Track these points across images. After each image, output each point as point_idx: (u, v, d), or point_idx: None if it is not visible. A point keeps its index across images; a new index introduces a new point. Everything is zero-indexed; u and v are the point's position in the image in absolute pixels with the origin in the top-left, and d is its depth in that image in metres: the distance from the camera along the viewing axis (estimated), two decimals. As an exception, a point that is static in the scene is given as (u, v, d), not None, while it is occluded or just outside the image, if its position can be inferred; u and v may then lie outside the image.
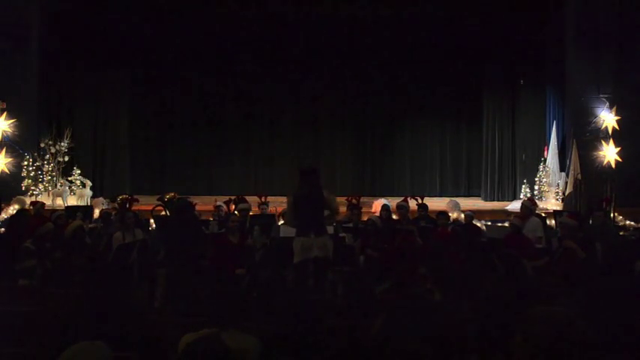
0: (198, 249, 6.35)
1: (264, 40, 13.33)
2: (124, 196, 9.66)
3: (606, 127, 12.06)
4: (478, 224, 9.61)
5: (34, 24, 11.98)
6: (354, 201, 9.02)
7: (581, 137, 12.10)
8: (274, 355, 2.75)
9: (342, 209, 9.19)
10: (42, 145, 12.08)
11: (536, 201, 11.40)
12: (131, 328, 3.43)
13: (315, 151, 14.51)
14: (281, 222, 8.47)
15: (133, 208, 8.56)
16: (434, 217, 8.82)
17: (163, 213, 8.48)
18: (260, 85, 14.32)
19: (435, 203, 11.36)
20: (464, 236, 7.56)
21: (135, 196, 9.13)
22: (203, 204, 10.53)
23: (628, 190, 11.62)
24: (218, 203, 9.28)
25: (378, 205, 10.64)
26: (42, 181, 11.84)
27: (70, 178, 12.20)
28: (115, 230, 7.34)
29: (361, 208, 8.95)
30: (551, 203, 12.13)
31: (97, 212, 10.13)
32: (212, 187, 13.65)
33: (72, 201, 11.76)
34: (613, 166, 11.94)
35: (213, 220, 8.71)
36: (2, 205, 10.39)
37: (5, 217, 9.94)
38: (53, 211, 9.19)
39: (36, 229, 7.19)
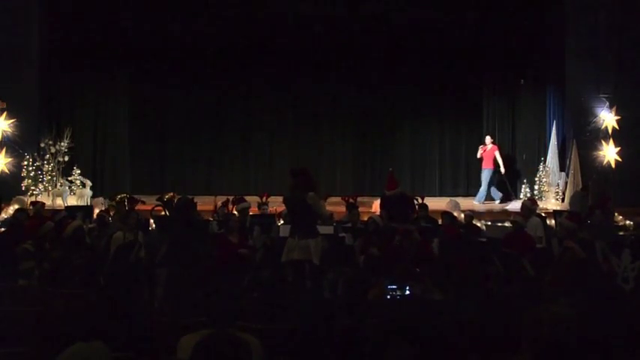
0: (200, 248, 6.36)
1: (264, 40, 13.32)
2: (123, 195, 9.65)
3: (606, 127, 12.07)
4: (478, 224, 9.63)
5: (34, 24, 11.97)
6: (351, 200, 9.03)
7: (581, 137, 12.11)
8: (274, 355, 2.75)
9: (341, 209, 9.21)
10: (42, 145, 12.06)
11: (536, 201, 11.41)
12: (131, 328, 3.43)
13: (315, 151, 14.50)
14: (281, 222, 8.49)
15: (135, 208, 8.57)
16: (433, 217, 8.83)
17: (163, 213, 8.47)
18: (260, 85, 14.31)
19: (435, 203, 11.35)
20: (464, 236, 7.57)
21: (138, 197, 9.13)
22: (203, 204, 10.52)
23: (628, 190, 11.64)
24: (220, 203, 9.29)
25: (377, 205, 10.63)
26: (42, 181, 11.82)
27: (70, 178, 12.17)
28: (115, 230, 7.34)
29: (357, 207, 8.96)
30: (551, 203, 12.13)
31: (97, 212, 10.12)
32: (212, 187, 13.60)
33: (72, 201, 11.74)
34: (613, 166, 11.95)
35: (213, 220, 8.71)
36: (2, 205, 10.38)
37: (5, 217, 9.94)
38: (56, 211, 9.18)
39: (35, 229, 7.20)
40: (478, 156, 13.08)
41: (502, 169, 12.96)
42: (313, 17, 12.86)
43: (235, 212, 8.47)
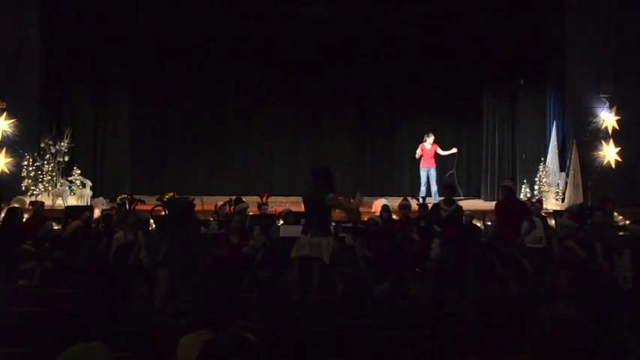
0: (197, 249, 6.36)
1: (264, 40, 13.32)
2: (124, 195, 9.66)
3: (606, 127, 12.07)
4: (478, 224, 9.64)
5: (34, 24, 11.96)
6: (351, 200, 9.01)
7: (581, 137, 12.11)
8: (274, 356, 2.74)
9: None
10: (42, 145, 12.06)
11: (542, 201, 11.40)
12: (131, 328, 3.43)
13: (315, 151, 14.50)
14: (281, 222, 8.49)
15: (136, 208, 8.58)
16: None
17: (163, 213, 8.47)
18: (260, 85, 14.31)
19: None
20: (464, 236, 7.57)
21: (140, 197, 9.13)
22: (199, 204, 10.52)
23: (628, 190, 11.64)
24: (220, 203, 9.30)
25: (378, 205, 10.64)
26: (42, 181, 11.82)
27: (70, 178, 12.17)
28: (116, 230, 7.35)
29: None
30: (551, 203, 12.12)
31: (97, 212, 10.12)
32: (212, 187, 13.62)
33: (72, 201, 11.74)
34: (613, 166, 11.94)
35: (214, 220, 8.72)
36: (2, 205, 10.38)
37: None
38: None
39: (35, 229, 7.20)
40: (417, 156, 12.92)
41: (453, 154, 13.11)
42: (312, 18, 12.87)
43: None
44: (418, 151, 12.87)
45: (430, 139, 12.86)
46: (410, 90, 14.41)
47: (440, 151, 12.95)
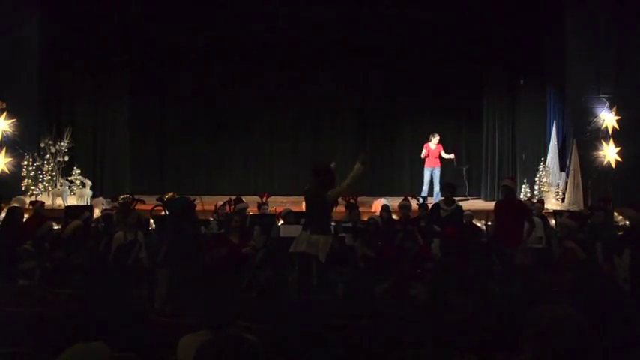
0: (197, 249, 6.36)
1: (264, 40, 13.32)
2: (126, 195, 9.66)
3: (606, 127, 12.06)
4: (478, 224, 9.64)
5: (34, 24, 11.96)
6: (351, 201, 9.03)
7: (581, 137, 12.10)
8: (274, 356, 2.75)
9: (341, 209, 9.22)
10: (42, 145, 12.06)
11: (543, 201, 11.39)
12: (131, 328, 3.43)
13: (315, 151, 14.50)
14: (281, 222, 8.50)
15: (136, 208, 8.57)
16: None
17: (163, 213, 8.47)
18: (260, 85, 14.31)
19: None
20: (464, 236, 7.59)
21: (140, 197, 9.13)
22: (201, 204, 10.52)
23: (628, 190, 11.63)
24: (220, 203, 9.31)
25: (378, 205, 10.65)
26: (42, 181, 11.83)
27: (70, 178, 12.18)
28: (116, 230, 7.35)
29: (358, 207, 8.97)
30: (551, 203, 12.12)
31: (97, 212, 10.12)
32: (212, 187, 13.63)
33: (72, 201, 11.74)
34: (613, 166, 11.94)
35: (214, 220, 8.72)
36: (2, 205, 10.38)
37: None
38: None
39: (35, 229, 7.20)
40: (423, 156, 12.98)
41: (455, 164, 13.18)
42: (312, 18, 12.85)
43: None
44: (424, 152, 12.92)
45: (435, 139, 12.90)
46: (410, 90, 14.41)
47: (443, 154, 12.98)
